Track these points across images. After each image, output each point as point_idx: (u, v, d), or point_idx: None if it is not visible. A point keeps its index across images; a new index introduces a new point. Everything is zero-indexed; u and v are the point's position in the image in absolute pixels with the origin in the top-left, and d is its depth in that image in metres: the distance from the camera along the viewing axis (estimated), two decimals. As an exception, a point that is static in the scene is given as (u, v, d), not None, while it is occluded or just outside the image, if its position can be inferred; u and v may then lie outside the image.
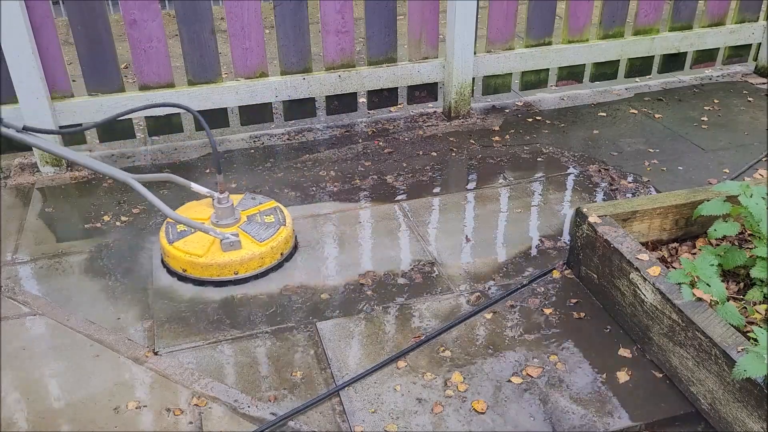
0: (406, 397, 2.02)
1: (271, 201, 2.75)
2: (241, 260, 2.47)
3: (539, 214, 2.90)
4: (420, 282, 2.50)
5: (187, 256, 2.46)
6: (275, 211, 2.69)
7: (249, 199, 2.75)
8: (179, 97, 3.30)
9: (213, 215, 2.61)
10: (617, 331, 2.27)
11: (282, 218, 2.65)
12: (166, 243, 2.52)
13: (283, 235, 2.57)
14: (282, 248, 2.57)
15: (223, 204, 2.57)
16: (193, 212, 2.67)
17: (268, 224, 2.60)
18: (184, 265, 2.48)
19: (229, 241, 2.46)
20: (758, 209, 2.16)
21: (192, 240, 2.52)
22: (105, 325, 2.30)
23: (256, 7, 3.28)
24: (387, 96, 3.70)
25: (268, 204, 2.73)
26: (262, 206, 2.72)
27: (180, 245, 2.49)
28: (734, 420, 1.83)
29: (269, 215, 2.66)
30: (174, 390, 2.06)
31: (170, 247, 2.50)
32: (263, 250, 2.50)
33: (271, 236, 2.54)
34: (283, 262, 2.58)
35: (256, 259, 2.49)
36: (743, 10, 4.14)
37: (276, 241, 2.54)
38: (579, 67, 3.94)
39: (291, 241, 2.64)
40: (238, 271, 2.48)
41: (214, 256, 2.46)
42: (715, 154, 3.37)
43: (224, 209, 2.58)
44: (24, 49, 2.93)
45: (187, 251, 2.47)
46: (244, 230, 2.56)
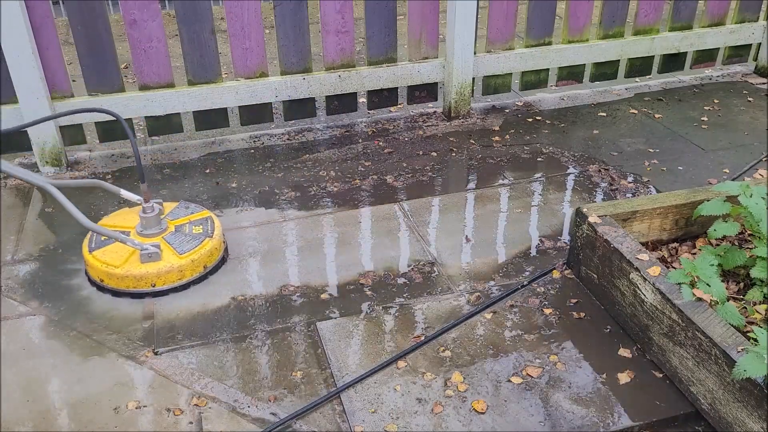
0: (406, 397, 2.02)
1: (205, 211, 2.68)
2: (158, 272, 2.40)
3: (539, 214, 2.90)
4: (420, 282, 2.50)
5: (104, 266, 2.40)
6: (206, 221, 2.62)
7: (182, 208, 2.69)
8: (179, 97, 3.30)
9: (138, 224, 2.55)
10: (617, 331, 2.27)
11: (210, 230, 2.57)
12: (86, 252, 2.46)
13: (207, 247, 2.49)
14: (205, 261, 2.49)
15: (148, 213, 2.51)
16: (121, 220, 2.61)
17: (195, 235, 2.53)
18: (101, 276, 2.42)
19: (148, 252, 2.40)
20: (758, 209, 2.16)
21: (111, 250, 2.45)
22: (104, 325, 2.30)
23: (256, 7, 3.28)
24: (387, 96, 3.70)
25: (200, 214, 2.66)
26: (194, 216, 2.65)
27: (98, 254, 2.43)
28: (734, 420, 1.83)
29: (198, 226, 2.59)
30: (174, 390, 2.06)
31: (89, 256, 2.43)
32: (183, 263, 2.43)
33: (194, 248, 2.47)
34: (207, 275, 2.51)
35: (174, 271, 2.42)
36: (743, 10, 4.14)
37: (198, 254, 2.46)
38: (579, 67, 3.94)
39: (217, 254, 2.56)
40: (155, 283, 2.41)
41: (130, 268, 2.39)
42: (715, 154, 3.38)
43: (149, 218, 2.51)
44: (24, 49, 2.93)
45: (104, 261, 2.41)
46: (168, 241, 2.50)
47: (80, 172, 3.22)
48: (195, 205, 2.74)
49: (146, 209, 2.51)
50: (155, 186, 3.11)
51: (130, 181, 3.16)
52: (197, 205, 2.74)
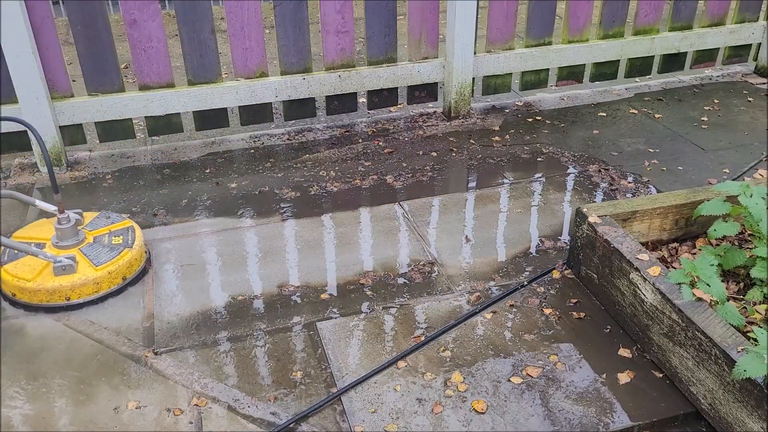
0: (406, 397, 2.02)
1: (126, 221, 2.63)
2: (72, 285, 2.32)
3: (539, 214, 2.90)
4: (420, 282, 2.50)
5: (15, 280, 2.33)
6: (126, 231, 2.56)
7: (103, 218, 2.63)
8: (179, 97, 3.30)
9: (54, 236, 2.47)
10: (617, 331, 2.26)
11: (131, 240, 2.51)
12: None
13: (126, 258, 2.44)
14: (124, 272, 2.43)
15: (63, 224, 2.43)
16: (38, 231, 2.54)
17: (113, 246, 2.47)
18: (13, 290, 2.35)
19: (61, 265, 2.32)
20: (758, 209, 2.16)
21: (24, 263, 2.38)
22: (106, 325, 2.30)
23: (256, 7, 3.28)
24: (387, 96, 3.70)
25: (121, 224, 2.60)
26: (114, 226, 2.59)
27: (10, 268, 2.36)
28: (734, 420, 1.83)
29: (119, 236, 2.53)
30: (174, 390, 2.06)
31: (1, 270, 2.37)
32: (99, 275, 2.36)
33: (111, 260, 2.41)
34: (126, 287, 2.45)
35: (90, 284, 2.35)
36: (743, 10, 4.14)
37: (116, 266, 2.40)
38: (579, 67, 3.94)
39: (138, 265, 2.50)
40: (69, 296, 2.33)
41: (43, 281, 2.31)
42: (715, 154, 3.37)
43: (64, 230, 2.43)
44: (24, 49, 2.93)
45: (15, 275, 2.33)
46: (84, 252, 2.43)
47: (80, 172, 3.22)
48: (117, 214, 2.68)
49: (61, 220, 2.43)
50: (155, 186, 3.11)
51: (130, 181, 3.16)
52: (119, 214, 2.69)
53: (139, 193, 3.05)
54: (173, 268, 2.58)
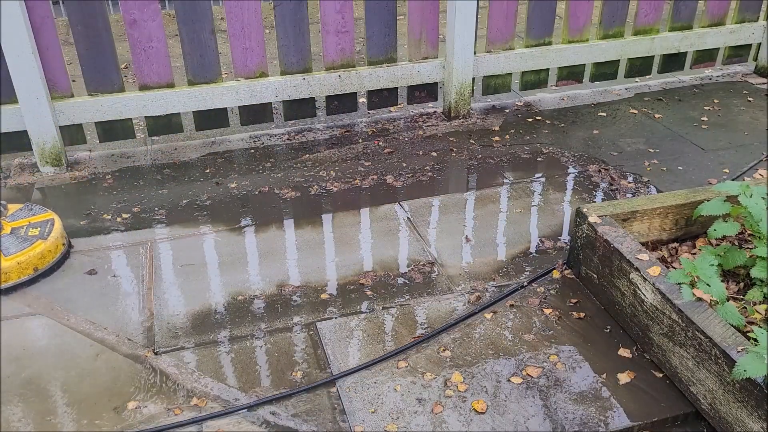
0: (406, 397, 2.02)
1: (48, 213, 2.69)
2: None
3: (539, 214, 2.90)
4: (420, 282, 2.50)
5: None
6: (45, 223, 2.62)
7: (26, 210, 2.70)
8: (179, 97, 3.30)
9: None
10: (617, 331, 2.27)
11: (47, 232, 2.57)
12: None
13: (38, 249, 2.49)
14: (35, 263, 2.49)
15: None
16: None
17: (28, 237, 2.53)
18: None
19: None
20: (758, 209, 2.16)
21: None
22: (106, 325, 2.30)
23: (256, 7, 3.28)
24: (387, 96, 3.70)
25: (42, 216, 2.67)
26: (35, 218, 2.65)
27: None
28: (734, 420, 1.83)
29: (36, 228, 2.59)
30: (174, 389, 2.06)
31: None
32: (8, 265, 2.43)
33: (21, 251, 2.47)
34: (38, 278, 2.50)
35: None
36: (743, 10, 4.14)
37: (26, 256, 2.46)
38: (579, 67, 3.94)
39: (52, 257, 2.54)
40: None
41: None
42: (715, 154, 3.38)
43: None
44: (24, 49, 2.93)
45: None
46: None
47: (80, 172, 3.22)
48: (40, 207, 2.74)
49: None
50: (155, 186, 3.11)
51: (130, 181, 3.16)
52: (42, 207, 2.74)
53: (139, 193, 3.05)
54: (173, 268, 2.58)
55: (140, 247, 2.70)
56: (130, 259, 2.63)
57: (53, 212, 2.71)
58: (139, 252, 2.67)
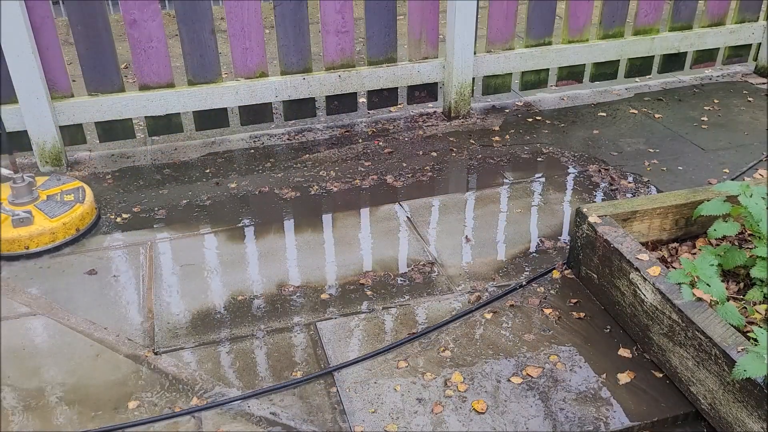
0: (406, 397, 2.02)
1: (76, 182, 2.90)
2: (30, 235, 2.60)
3: (539, 214, 2.90)
4: (420, 282, 2.50)
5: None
6: (77, 191, 2.84)
7: (54, 180, 2.91)
8: (179, 97, 3.31)
9: (9, 195, 2.74)
10: (617, 331, 2.27)
11: (81, 197, 2.79)
12: None
13: (78, 211, 2.72)
14: (77, 224, 2.71)
15: (18, 184, 2.71)
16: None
17: (66, 202, 2.74)
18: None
19: (19, 217, 2.60)
20: (758, 209, 2.16)
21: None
22: (106, 325, 2.30)
23: (256, 7, 3.28)
24: (387, 96, 3.70)
25: (72, 184, 2.89)
26: (65, 186, 2.87)
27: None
28: (734, 420, 1.83)
29: (70, 194, 2.80)
30: (174, 389, 2.06)
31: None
32: (54, 226, 2.64)
33: (65, 213, 2.68)
34: (80, 237, 2.72)
35: (47, 234, 2.62)
36: (743, 10, 4.14)
37: (69, 217, 2.68)
38: (579, 67, 3.94)
39: (89, 218, 2.78)
40: (28, 246, 2.61)
41: (3, 232, 2.58)
42: (715, 154, 3.38)
43: (19, 188, 2.72)
44: (24, 49, 2.93)
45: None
46: (39, 208, 2.70)
47: (80, 172, 3.22)
48: (67, 176, 2.98)
49: (16, 180, 2.71)
50: (155, 186, 3.11)
51: (130, 181, 3.16)
52: (69, 176, 2.99)
53: (140, 193, 3.06)
54: (173, 267, 2.58)
55: (140, 247, 2.70)
56: (130, 259, 2.63)
57: (80, 181, 2.90)
58: (139, 252, 2.67)
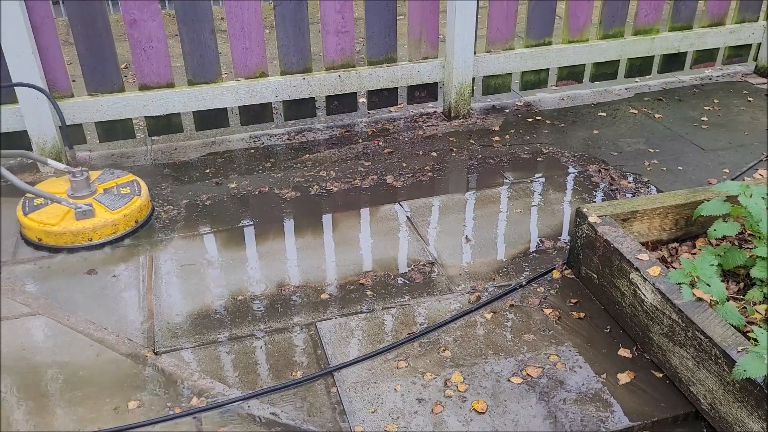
0: (406, 397, 2.02)
1: (129, 175, 2.95)
2: (93, 227, 2.66)
3: (539, 214, 2.90)
4: (420, 282, 2.50)
5: (41, 226, 2.64)
6: (132, 183, 2.89)
7: (108, 174, 2.95)
8: (179, 97, 3.31)
9: (69, 188, 2.80)
10: (617, 331, 2.27)
11: (137, 189, 2.85)
12: (21, 215, 2.70)
13: (137, 203, 2.77)
14: (136, 216, 2.77)
15: (77, 177, 2.77)
16: (51, 187, 2.85)
17: (124, 195, 2.80)
18: (39, 235, 2.65)
19: (82, 210, 2.65)
20: (758, 209, 2.16)
21: (46, 211, 2.70)
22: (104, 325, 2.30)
23: (256, 7, 3.28)
24: (387, 96, 3.70)
25: (126, 177, 2.94)
26: (120, 179, 2.92)
27: (35, 216, 2.67)
28: (734, 420, 1.83)
29: (126, 187, 2.86)
30: (174, 389, 2.06)
31: (25, 219, 2.68)
32: (116, 218, 2.69)
33: (124, 205, 2.74)
34: (138, 229, 2.77)
35: (109, 225, 2.69)
36: (743, 10, 4.14)
37: (129, 209, 2.74)
38: (579, 67, 3.94)
39: (146, 210, 2.84)
40: (92, 237, 2.66)
41: (67, 225, 2.63)
42: (715, 154, 3.38)
43: (79, 182, 2.77)
44: (24, 49, 2.93)
45: (41, 221, 2.65)
46: (99, 200, 2.76)
47: (80, 172, 3.22)
48: (120, 170, 3.00)
49: (76, 174, 2.76)
50: (155, 187, 3.10)
51: (130, 181, 3.16)
52: (122, 170, 3.01)
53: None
54: (173, 267, 2.58)
55: (140, 247, 2.70)
56: (131, 258, 2.63)
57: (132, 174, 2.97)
58: (139, 252, 2.67)
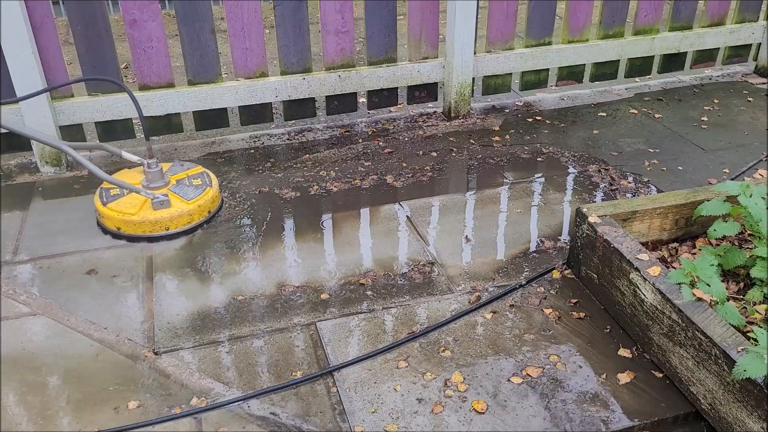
0: (406, 397, 2.02)
1: (198, 167, 3.00)
2: (171, 217, 2.72)
3: (539, 214, 2.90)
4: (420, 282, 2.50)
5: (120, 215, 2.70)
6: (202, 175, 2.94)
7: (178, 166, 3.00)
8: (179, 97, 3.31)
9: (143, 179, 2.84)
10: (617, 331, 2.27)
11: (209, 181, 2.90)
12: (100, 205, 2.75)
13: (210, 194, 2.83)
14: (209, 206, 2.83)
15: (153, 168, 2.81)
16: (125, 178, 2.90)
17: (196, 186, 2.85)
18: (118, 224, 2.72)
19: (159, 200, 2.71)
20: (757, 209, 2.16)
21: (124, 201, 2.76)
22: (104, 325, 2.30)
23: (256, 7, 3.28)
24: (387, 96, 3.70)
25: (195, 169, 2.98)
26: (191, 171, 2.97)
27: (113, 206, 2.73)
28: (734, 420, 1.83)
29: (197, 179, 2.91)
30: (174, 389, 2.06)
31: (104, 209, 2.73)
32: (191, 208, 2.76)
33: (199, 195, 2.80)
34: (210, 219, 2.84)
35: (185, 215, 2.74)
36: (743, 10, 4.14)
37: (203, 200, 2.80)
38: (579, 67, 3.94)
39: (218, 201, 2.91)
40: (168, 227, 2.72)
41: (146, 214, 2.70)
42: (715, 154, 3.38)
43: (154, 173, 2.82)
44: (24, 49, 2.93)
45: (120, 211, 2.71)
46: (173, 191, 2.81)
47: (81, 172, 3.22)
48: (189, 162, 3.05)
49: (151, 165, 2.80)
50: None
51: (130, 181, 3.16)
52: (191, 162, 3.07)
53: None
54: (173, 267, 2.58)
55: (140, 247, 2.70)
56: (130, 258, 2.63)
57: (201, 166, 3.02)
58: (139, 252, 2.67)
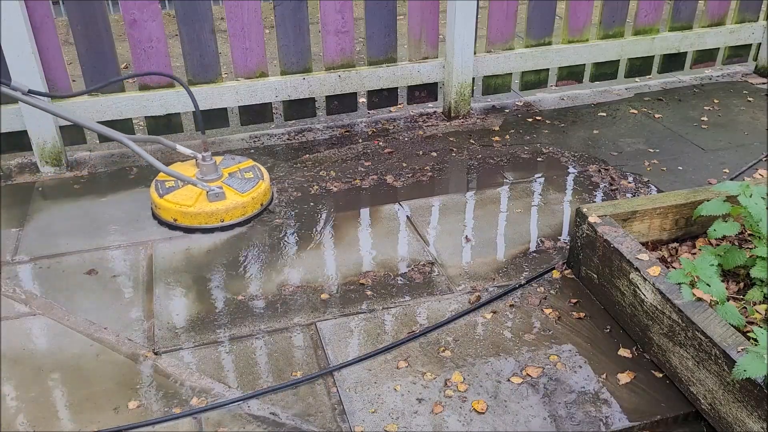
0: (406, 397, 2.02)
1: (249, 160, 3.05)
2: (226, 209, 2.76)
3: (539, 214, 2.90)
4: (420, 282, 2.50)
5: (177, 207, 2.75)
6: (254, 168, 2.99)
7: (229, 159, 3.05)
8: (179, 97, 3.30)
9: (197, 172, 2.88)
10: (617, 331, 2.27)
11: (260, 174, 2.95)
12: (156, 197, 2.80)
13: (262, 187, 2.88)
14: (262, 199, 2.88)
15: (207, 161, 2.85)
16: (181, 170, 2.93)
17: (249, 179, 2.90)
18: (175, 215, 2.76)
19: (215, 192, 2.75)
20: (757, 209, 2.16)
21: (180, 193, 2.81)
22: (104, 325, 2.30)
23: (256, 7, 3.28)
24: (387, 96, 3.70)
25: (246, 163, 3.03)
26: (242, 165, 3.01)
27: (170, 198, 2.78)
28: (734, 420, 1.83)
29: (248, 172, 2.95)
30: (174, 389, 2.06)
31: (161, 200, 2.78)
32: (245, 200, 2.80)
33: (252, 188, 2.84)
34: (262, 212, 2.88)
35: (239, 208, 2.79)
36: (743, 10, 4.14)
37: (257, 193, 2.84)
38: (579, 67, 3.94)
39: (269, 193, 2.96)
40: (223, 219, 2.77)
41: (202, 206, 2.75)
42: (715, 154, 3.38)
43: (208, 166, 2.85)
44: (24, 49, 2.93)
45: (177, 202, 2.76)
46: (227, 184, 2.85)
47: (81, 172, 3.22)
48: (240, 156, 3.10)
49: (205, 158, 2.85)
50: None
51: (130, 181, 3.16)
52: (242, 156, 3.12)
53: (139, 193, 3.05)
54: (173, 267, 2.58)
55: (140, 246, 2.70)
56: (131, 259, 2.63)
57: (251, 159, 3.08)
58: (139, 252, 2.67)
